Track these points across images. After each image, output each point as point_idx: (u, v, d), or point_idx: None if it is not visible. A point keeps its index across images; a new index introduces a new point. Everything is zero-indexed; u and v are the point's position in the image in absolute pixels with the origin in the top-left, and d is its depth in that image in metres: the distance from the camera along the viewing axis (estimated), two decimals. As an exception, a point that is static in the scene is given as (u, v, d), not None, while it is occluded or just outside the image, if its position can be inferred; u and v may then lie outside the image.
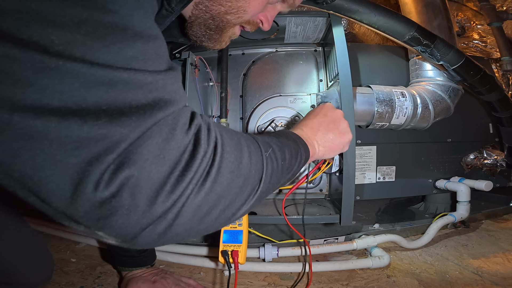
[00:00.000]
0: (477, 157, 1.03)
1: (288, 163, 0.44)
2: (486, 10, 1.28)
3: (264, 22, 0.54)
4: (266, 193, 0.39)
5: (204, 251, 0.81)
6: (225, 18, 0.48)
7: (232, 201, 0.32)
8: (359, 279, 0.71)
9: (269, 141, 0.42)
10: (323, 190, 1.01)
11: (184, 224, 0.27)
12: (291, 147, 0.45)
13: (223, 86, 0.94)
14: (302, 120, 0.57)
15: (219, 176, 0.29)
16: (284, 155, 0.43)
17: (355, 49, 1.03)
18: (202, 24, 0.49)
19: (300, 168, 0.48)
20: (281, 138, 0.46)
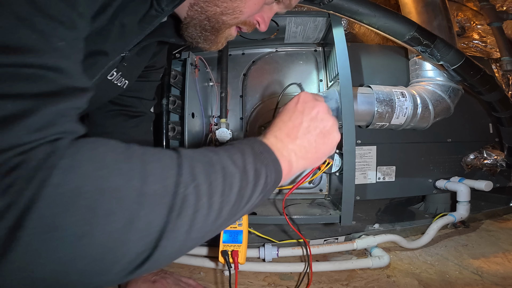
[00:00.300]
0: (477, 157, 1.03)
1: (237, 195, 0.32)
2: (486, 10, 1.28)
3: (261, 23, 0.53)
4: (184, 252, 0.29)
5: (204, 251, 0.81)
6: (220, 19, 0.48)
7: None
8: (359, 279, 0.71)
9: (212, 164, 0.30)
10: (323, 190, 1.01)
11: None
12: (249, 165, 0.34)
13: (223, 86, 0.94)
14: (275, 121, 0.43)
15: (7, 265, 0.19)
16: (230, 186, 0.31)
17: (355, 49, 1.03)
18: (197, 25, 0.49)
19: (267, 195, 0.37)
20: (245, 150, 0.35)
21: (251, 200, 0.34)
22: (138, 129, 0.70)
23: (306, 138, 0.41)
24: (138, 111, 0.69)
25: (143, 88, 0.69)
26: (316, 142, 0.41)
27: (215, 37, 0.51)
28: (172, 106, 0.92)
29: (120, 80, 0.57)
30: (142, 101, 0.70)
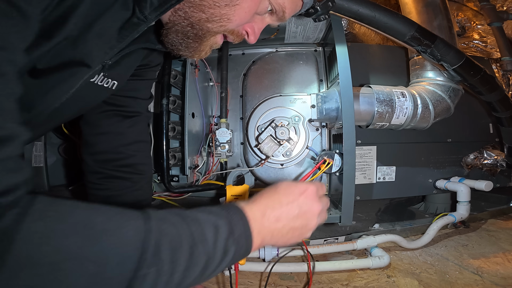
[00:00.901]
0: (477, 157, 1.03)
1: (201, 273, 0.34)
2: (486, 10, 1.28)
3: (250, 34, 0.49)
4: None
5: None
6: (205, 26, 0.45)
7: None
8: (359, 279, 0.71)
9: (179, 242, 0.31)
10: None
11: None
12: (219, 245, 0.35)
13: (223, 86, 0.94)
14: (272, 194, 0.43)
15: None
16: (194, 265, 0.32)
17: (355, 49, 1.03)
18: (179, 31, 0.46)
19: (229, 265, 0.40)
20: (220, 226, 0.36)
21: (214, 272, 0.36)
22: (134, 129, 0.68)
23: (289, 228, 0.42)
24: (133, 111, 0.68)
25: (138, 87, 0.67)
26: (292, 235, 0.43)
27: (198, 44, 0.47)
28: (172, 106, 0.92)
29: (106, 81, 0.54)
30: (137, 101, 0.68)
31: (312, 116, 0.97)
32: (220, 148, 0.91)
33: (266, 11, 0.48)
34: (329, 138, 0.99)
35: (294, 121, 0.95)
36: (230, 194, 0.63)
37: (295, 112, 0.97)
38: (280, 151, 0.90)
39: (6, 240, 0.23)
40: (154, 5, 0.41)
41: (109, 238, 0.27)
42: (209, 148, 0.95)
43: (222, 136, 0.91)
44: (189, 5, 0.43)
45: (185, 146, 0.87)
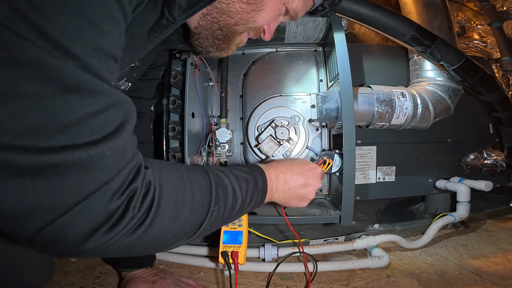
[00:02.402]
0: (477, 157, 1.03)
1: (237, 211, 0.46)
2: (487, 10, 1.28)
3: (266, 33, 0.53)
4: (207, 232, 0.42)
5: (204, 251, 0.81)
6: (233, 28, 0.48)
7: (165, 243, 0.37)
8: (359, 279, 0.71)
9: (227, 189, 0.44)
10: (323, 190, 1.01)
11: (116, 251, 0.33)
12: (249, 194, 0.47)
13: (223, 86, 0.94)
14: (288, 163, 0.56)
15: (150, 229, 0.33)
16: (235, 204, 0.45)
17: (355, 49, 1.03)
18: (209, 35, 0.49)
19: (250, 210, 0.50)
20: (249, 180, 0.48)
21: (243, 213, 0.49)
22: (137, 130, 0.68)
23: (292, 192, 0.55)
24: (137, 112, 0.68)
25: (142, 88, 0.68)
26: (293, 199, 0.56)
27: (227, 45, 0.51)
28: (172, 106, 0.91)
29: (124, 83, 0.57)
30: (141, 101, 0.69)
31: (312, 116, 0.97)
32: (220, 148, 0.91)
33: (283, 13, 0.52)
34: (329, 138, 0.99)
35: (294, 121, 0.94)
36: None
37: (295, 112, 0.97)
38: (280, 151, 0.90)
39: (156, 189, 0.35)
40: (182, 7, 0.42)
41: (196, 184, 0.40)
42: (209, 148, 0.95)
43: (222, 136, 0.91)
44: (217, 10, 0.45)
45: (185, 146, 0.87)
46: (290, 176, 0.54)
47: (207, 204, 0.40)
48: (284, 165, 0.55)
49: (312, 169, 0.57)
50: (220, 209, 0.42)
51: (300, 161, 0.58)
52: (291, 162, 0.57)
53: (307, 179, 0.55)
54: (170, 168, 0.39)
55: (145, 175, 0.34)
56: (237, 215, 0.47)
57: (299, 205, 0.57)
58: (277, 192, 0.53)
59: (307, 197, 0.56)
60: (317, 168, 0.58)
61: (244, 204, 0.47)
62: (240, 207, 0.46)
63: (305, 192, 0.55)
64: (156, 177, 0.35)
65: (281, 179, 0.53)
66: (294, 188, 0.54)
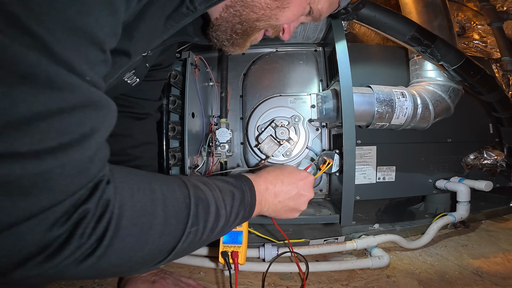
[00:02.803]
0: (477, 157, 1.03)
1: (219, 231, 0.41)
2: (487, 10, 1.28)
3: (286, 32, 0.52)
4: (179, 256, 0.38)
5: (204, 251, 0.81)
6: (254, 24, 0.46)
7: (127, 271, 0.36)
8: (359, 279, 0.71)
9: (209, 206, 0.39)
10: (323, 190, 1.01)
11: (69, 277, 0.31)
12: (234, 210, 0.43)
13: (223, 86, 0.94)
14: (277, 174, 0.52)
15: (104, 258, 0.28)
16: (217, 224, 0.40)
17: (355, 49, 1.03)
18: (229, 28, 0.47)
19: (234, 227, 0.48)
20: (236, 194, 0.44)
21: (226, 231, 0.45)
22: (142, 131, 0.68)
23: (283, 205, 0.52)
24: (143, 113, 0.67)
25: (149, 89, 0.67)
26: (284, 211, 0.53)
27: (243, 41, 0.49)
28: (172, 106, 0.92)
29: (132, 77, 0.55)
30: (148, 102, 0.68)
31: (312, 116, 0.97)
32: (220, 148, 0.91)
33: (306, 13, 0.51)
34: (329, 138, 0.99)
35: (294, 121, 0.94)
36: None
37: (295, 112, 0.97)
38: (280, 151, 0.90)
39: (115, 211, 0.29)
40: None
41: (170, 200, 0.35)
42: (209, 148, 0.95)
43: (222, 136, 0.91)
44: (241, 4, 0.44)
45: (185, 146, 0.87)
46: (281, 187, 0.50)
47: (183, 226, 0.35)
48: (274, 175, 0.51)
49: (304, 178, 0.53)
50: (198, 230, 0.37)
51: (290, 170, 0.54)
52: (280, 171, 0.52)
53: (299, 190, 0.52)
54: (140, 180, 0.34)
55: (104, 192, 0.28)
56: (218, 235, 0.42)
57: (290, 216, 0.54)
58: (266, 205, 0.50)
59: (299, 208, 0.53)
60: (308, 176, 0.55)
61: (228, 223, 0.42)
62: (223, 226, 0.41)
63: (297, 204, 0.52)
64: (118, 195, 0.29)
65: (271, 191, 0.49)
66: (285, 200, 0.51)
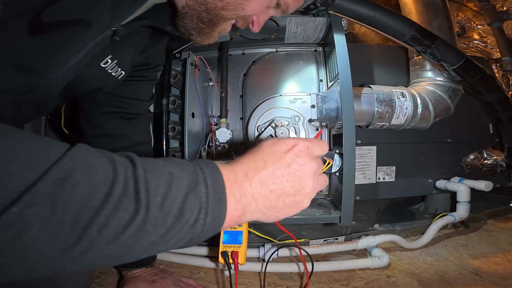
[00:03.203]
0: (477, 157, 1.03)
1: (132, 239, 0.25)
2: (487, 10, 1.28)
3: (255, 24, 0.52)
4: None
5: (204, 251, 0.81)
6: (220, 13, 0.47)
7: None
8: (359, 279, 0.71)
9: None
10: (323, 190, 1.01)
11: None
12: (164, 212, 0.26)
13: (223, 86, 0.94)
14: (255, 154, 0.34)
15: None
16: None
17: (355, 49, 1.03)
18: (195, 16, 0.48)
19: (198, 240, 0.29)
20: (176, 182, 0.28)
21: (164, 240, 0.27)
22: (136, 131, 0.68)
23: (278, 194, 0.33)
24: (135, 113, 0.68)
25: (138, 89, 0.67)
26: (284, 203, 0.34)
27: (210, 30, 0.50)
28: (172, 106, 0.92)
29: (116, 69, 0.55)
30: (139, 102, 0.68)
31: (312, 116, 0.97)
32: (220, 148, 0.91)
33: (273, 5, 0.51)
34: (329, 138, 0.99)
35: (294, 121, 0.94)
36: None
37: (295, 112, 0.97)
38: (280, 151, 0.90)
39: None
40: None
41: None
42: (209, 148, 0.95)
43: (222, 136, 0.91)
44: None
45: (185, 146, 0.87)
46: (265, 169, 0.33)
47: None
48: (251, 157, 0.34)
49: (290, 147, 0.35)
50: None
51: (269, 143, 0.35)
52: (257, 150, 0.35)
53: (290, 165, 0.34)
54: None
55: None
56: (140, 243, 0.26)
57: (295, 210, 0.35)
58: (253, 203, 0.32)
59: (303, 192, 0.34)
60: (297, 142, 0.35)
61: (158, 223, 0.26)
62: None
63: (297, 187, 0.34)
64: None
65: (254, 179, 0.32)
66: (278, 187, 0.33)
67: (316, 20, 0.86)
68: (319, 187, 0.37)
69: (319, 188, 0.37)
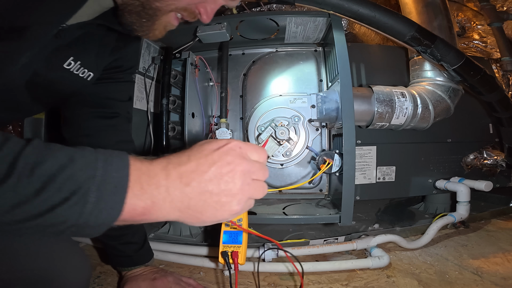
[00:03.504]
0: (477, 157, 1.03)
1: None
2: (487, 10, 1.28)
3: (203, 14, 0.52)
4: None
5: (204, 251, 0.81)
6: (154, 5, 0.48)
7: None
8: (359, 279, 0.71)
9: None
10: (323, 190, 1.01)
11: None
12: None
13: (223, 86, 0.94)
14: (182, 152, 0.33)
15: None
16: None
17: (355, 49, 1.03)
18: (132, 11, 0.48)
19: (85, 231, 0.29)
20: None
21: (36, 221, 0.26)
22: (116, 130, 0.69)
23: (199, 192, 0.31)
24: (112, 112, 0.69)
25: (113, 89, 0.68)
26: (206, 203, 0.31)
27: (151, 23, 0.50)
28: (172, 106, 0.92)
29: (82, 71, 0.56)
30: (115, 102, 0.70)
31: (312, 116, 0.97)
32: (220, 148, 0.91)
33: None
34: (329, 138, 0.99)
35: (294, 121, 0.95)
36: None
37: (295, 112, 0.97)
38: (280, 151, 0.90)
39: None
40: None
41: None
42: (209, 148, 0.95)
43: (222, 136, 0.91)
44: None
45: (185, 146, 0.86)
46: (186, 164, 0.31)
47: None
48: (179, 153, 0.33)
49: (221, 146, 0.33)
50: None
51: (201, 143, 0.34)
52: (190, 147, 0.34)
53: (216, 163, 0.32)
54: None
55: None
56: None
57: (224, 214, 0.32)
58: (167, 198, 0.30)
59: (229, 193, 0.31)
60: (229, 142, 0.34)
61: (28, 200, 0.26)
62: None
63: (221, 188, 0.31)
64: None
65: (172, 173, 0.31)
66: (199, 184, 0.31)
67: (316, 20, 0.86)
68: (253, 192, 0.33)
69: (253, 193, 0.33)
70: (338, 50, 0.76)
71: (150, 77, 0.96)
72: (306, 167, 0.98)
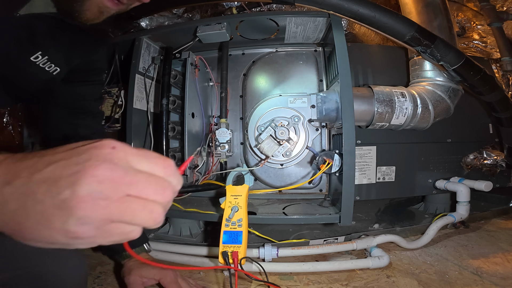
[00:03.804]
0: (477, 157, 1.03)
1: None
2: (486, 10, 1.28)
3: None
4: None
5: (204, 251, 0.81)
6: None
7: None
8: (359, 279, 0.71)
9: None
10: (323, 190, 1.01)
11: None
12: None
13: (223, 86, 0.94)
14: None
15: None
16: None
17: (355, 49, 1.03)
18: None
19: None
20: None
21: None
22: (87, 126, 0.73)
23: (20, 194, 0.23)
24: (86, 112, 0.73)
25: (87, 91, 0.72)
26: (26, 211, 0.22)
27: (81, 4, 0.51)
28: (172, 106, 0.92)
29: (49, 65, 0.58)
30: (89, 102, 0.73)
31: (312, 116, 0.97)
32: (220, 148, 0.91)
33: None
34: (329, 138, 0.99)
35: (294, 121, 0.94)
36: (230, 194, 0.63)
37: (295, 112, 0.97)
38: (280, 151, 0.90)
39: None
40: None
41: None
42: (209, 148, 0.95)
43: (222, 136, 0.91)
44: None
45: (185, 146, 0.87)
46: (22, 162, 0.24)
47: None
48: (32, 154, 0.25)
49: (91, 142, 0.25)
50: None
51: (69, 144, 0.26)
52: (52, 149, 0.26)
53: (59, 162, 0.23)
54: None
55: None
56: None
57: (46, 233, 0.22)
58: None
59: (68, 203, 0.21)
60: (99, 141, 0.25)
61: None
62: None
63: (54, 192, 0.22)
64: None
65: (1, 167, 0.24)
66: (23, 186, 0.23)
67: (316, 20, 0.86)
68: (122, 212, 0.23)
69: (123, 215, 0.23)
70: (338, 50, 0.76)
71: (150, 77, 0.96)
72: (306, 167, 0.98)
